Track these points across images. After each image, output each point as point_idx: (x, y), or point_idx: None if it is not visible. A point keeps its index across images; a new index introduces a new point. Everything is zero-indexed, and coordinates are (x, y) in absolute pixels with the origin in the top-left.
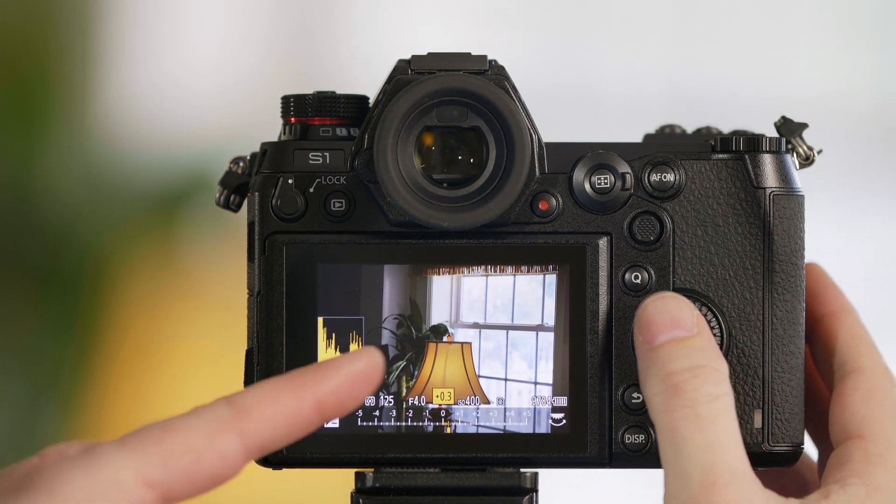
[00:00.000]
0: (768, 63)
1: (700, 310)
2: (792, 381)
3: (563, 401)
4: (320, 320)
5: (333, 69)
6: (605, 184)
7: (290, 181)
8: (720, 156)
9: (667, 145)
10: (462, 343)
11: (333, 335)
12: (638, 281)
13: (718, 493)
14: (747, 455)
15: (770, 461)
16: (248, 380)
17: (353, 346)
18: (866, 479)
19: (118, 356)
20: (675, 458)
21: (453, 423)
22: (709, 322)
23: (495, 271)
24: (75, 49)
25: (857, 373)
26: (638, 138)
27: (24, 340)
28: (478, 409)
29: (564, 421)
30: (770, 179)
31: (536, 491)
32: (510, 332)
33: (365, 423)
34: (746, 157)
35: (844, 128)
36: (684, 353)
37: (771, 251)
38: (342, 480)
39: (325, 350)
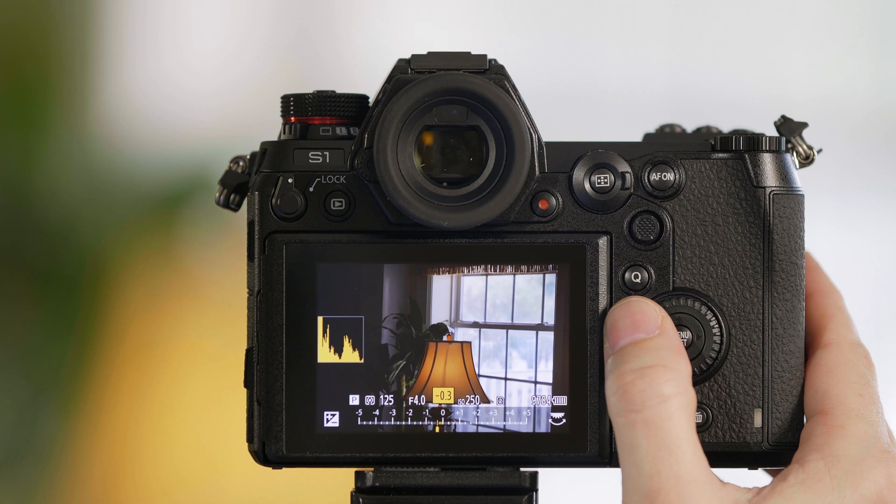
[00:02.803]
0: (768, 63)
1: (700, 310)
2: (792, 381)
3: (562, 400)
4: (320, 319)
5: (333, 69)
6: (605, 183)
7: (289, 180)
8: (720, 155)
9: (667, 145)
10: (462, 342)
11: (333, 334)
12: (638, 280)
13: (661, 503)
14: (748, 454)
15: (770, 460)
16: (248, 379)
17: (346, 347)
18: (825, 453)
19: (118, 356)
20: (625, 465)
21: (453, 423)
22: (709, 321)
23: (495, 271)
24: (75, 49)
25: (822, 349)
26: (638, 138)
27: (24, 340)
28: (478, 408)
29: (564, 420)
30: (770, 179)
31: (536, 490)
32: (510, 331)
33: (365, 423)
34: (746, 156)
35: (844, 127)
36: (639, 354)
37: (771, 250)
38: (342, 480)
39: (325, 349)
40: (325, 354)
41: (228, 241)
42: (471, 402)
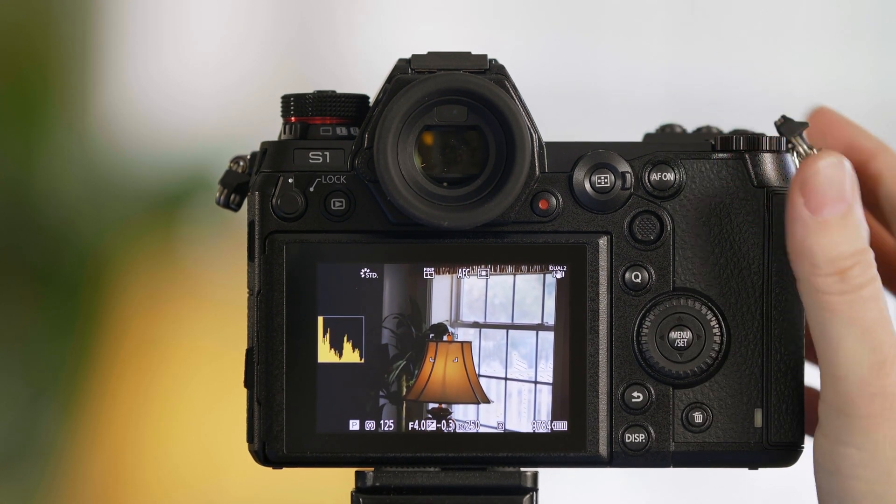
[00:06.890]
0: (768, 63)
1: (700, 310)
2: (792, 381)
3: (563, 400)
4: (320, 319)
5: (333, 69)
6: (606, 183)
7: (290, 180)
8: (720, 155)
9: (667, 144)
10: (462, 342)
11: (333, 334)
12: (638, 280)
13: (888, 372)
14: (748, 454)
15: (770, 460)
16: (249, 379)
17: (346, 347)
18: None
19: (118, 356)
20: (837, 341)
21: (453, 423)
22: (709, 321)
23: (495, 271)
24: (75, 49)
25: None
26: (638, 138)
27: (24, 340)
28: (478, 408)
29: (564, 420)
30: (770, 178)
31: (536, 490)
32: (510, 331)
33: (365, 423)
34: (747, 156)
35: None
36: (848, 235)
37: (771, 250)
38: (342, 480)
39: (325, 349)
40: (325, 354)
41: (228, 241)
42: (471, 402)
